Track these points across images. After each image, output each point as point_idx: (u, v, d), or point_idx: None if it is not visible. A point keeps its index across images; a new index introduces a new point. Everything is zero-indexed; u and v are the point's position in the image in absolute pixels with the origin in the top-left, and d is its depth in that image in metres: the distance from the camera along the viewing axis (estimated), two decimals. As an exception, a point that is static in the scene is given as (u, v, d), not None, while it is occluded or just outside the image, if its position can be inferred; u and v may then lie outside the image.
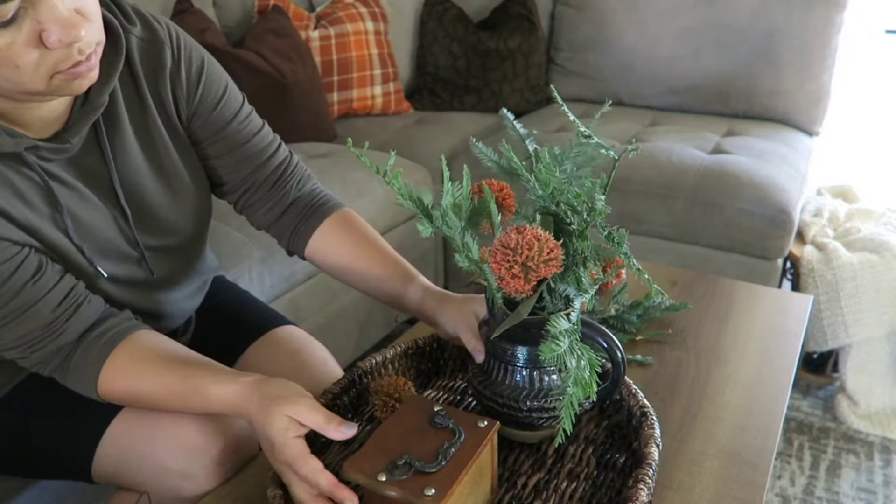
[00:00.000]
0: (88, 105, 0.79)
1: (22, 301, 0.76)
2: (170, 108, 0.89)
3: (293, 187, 1.00)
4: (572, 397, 0.69)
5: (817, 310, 1.84)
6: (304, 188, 1.02)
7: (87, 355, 0.80)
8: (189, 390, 0.79)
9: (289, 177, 1.00)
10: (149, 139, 0.88)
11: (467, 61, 2.58)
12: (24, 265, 0.76)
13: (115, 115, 0.84)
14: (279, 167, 0.99)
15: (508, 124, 0.87)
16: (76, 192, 0.82)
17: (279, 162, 0.99)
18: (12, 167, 0.76)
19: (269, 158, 0.98)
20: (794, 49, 2.28)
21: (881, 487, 1.67)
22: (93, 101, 0.79)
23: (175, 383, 0.80)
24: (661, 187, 1.91)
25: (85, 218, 0.83)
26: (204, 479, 0.83)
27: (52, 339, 0.79)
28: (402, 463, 0.69)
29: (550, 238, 0.71)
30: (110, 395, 0.82)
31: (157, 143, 0.89)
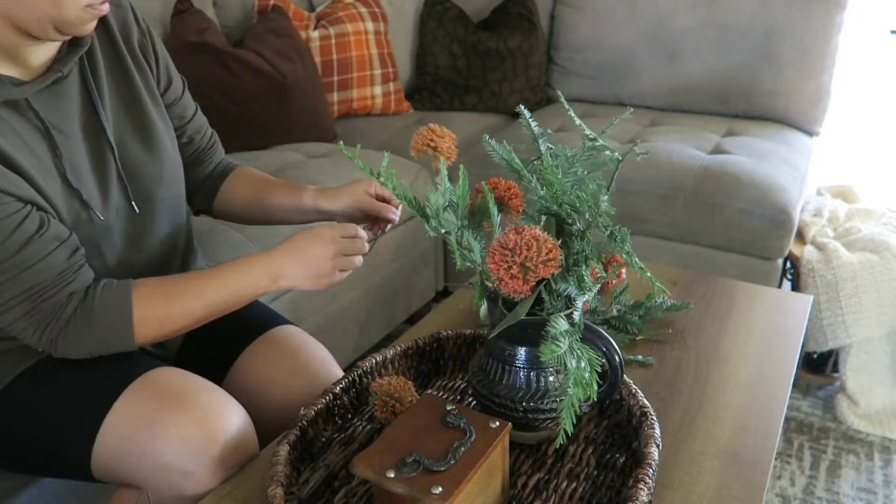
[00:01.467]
0: (76, 42, 0.88)
1: (32, 252, 0.80)
2: (144, 67, 0.99)
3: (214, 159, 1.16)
4: (573, 398, 0.69)
5: (817, 310, 1.84)
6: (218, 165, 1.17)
7: (109, 294, 0.85)
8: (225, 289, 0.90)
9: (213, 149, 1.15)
10: (126, 91, 0.96)
11: (467, 61, 2.58)
12: (28, 220, 0.80)
13: (95, 62, 0.92)
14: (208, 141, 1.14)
15: (524, 122, 0.87)
16: (70, 136, 0.88)
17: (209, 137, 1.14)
18: (15, 115, 0.82)
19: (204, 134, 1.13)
20: (794, 49, 2.28)
21: (881, 487, 1.67)
22: (78, 40, 0.88)
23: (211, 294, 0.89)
24: (661, 187, 1.91)
25: (79, 162, 0.89)
26: (204, 477, 0.83)
27: (63, 287, 0.83)
28: (412, 460, 0.69)
29: (549, 238, 0.71)
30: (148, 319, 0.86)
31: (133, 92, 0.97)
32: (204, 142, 1.13)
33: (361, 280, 1.87)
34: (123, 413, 0.86)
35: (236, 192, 1.15)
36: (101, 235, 0.92)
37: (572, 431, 0.71)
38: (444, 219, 0.77)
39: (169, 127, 1.03)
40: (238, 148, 1.96)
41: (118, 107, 0.95)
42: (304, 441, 0.84)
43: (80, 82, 0.90)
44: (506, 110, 2.60)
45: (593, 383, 0.69)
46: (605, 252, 0.78)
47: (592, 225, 0.76)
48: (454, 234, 0.77)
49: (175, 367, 0.93)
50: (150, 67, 1.01)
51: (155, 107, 1.00)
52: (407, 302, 2.10)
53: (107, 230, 0.93)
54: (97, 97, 0.91)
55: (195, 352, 1.07)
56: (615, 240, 0.74)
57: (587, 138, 0.81)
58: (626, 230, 0.75)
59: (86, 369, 0.89)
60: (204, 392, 0.88)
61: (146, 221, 0.98)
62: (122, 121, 0.95)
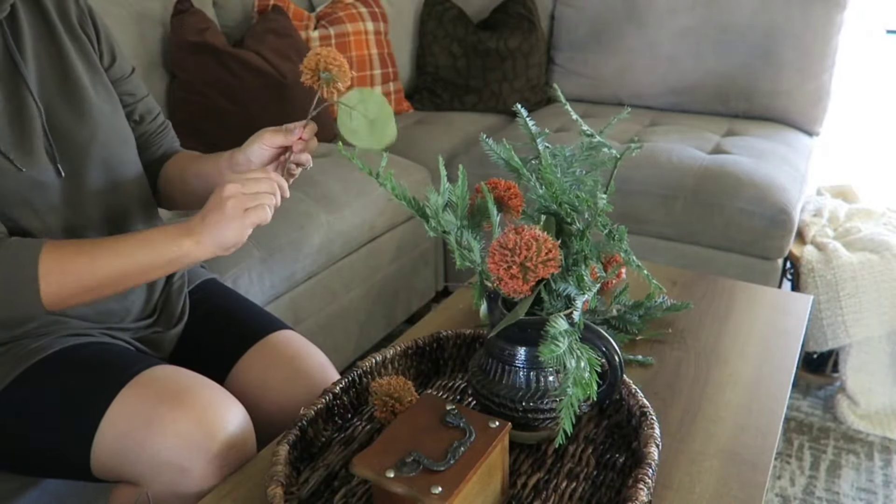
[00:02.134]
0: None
1: None
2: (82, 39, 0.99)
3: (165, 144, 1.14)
4: (572, 398, 0.69)
5: (817, 310, 1.84)
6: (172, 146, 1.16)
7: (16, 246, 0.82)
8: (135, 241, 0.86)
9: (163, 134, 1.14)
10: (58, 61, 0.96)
11: (467, 61, 2.58)
12: None
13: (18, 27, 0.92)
14: (159, 126, 1.13)
15: (521, 121, 0.87)
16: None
17: (160, 123, 1.13)
18: None
19: (154, 118, 1.12)
20: (794, 49, 2.28)
21: (881, 487, 1.67)
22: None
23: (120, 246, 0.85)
24: (661, 187, 1.91)
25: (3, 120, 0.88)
26: (202, 474, 0.83)
27: None
28: (411, 460, 0.69)
29: (549, 238, 0.71)
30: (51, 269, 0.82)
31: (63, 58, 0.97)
32: (154, 126, 1.12)
33: (361, 280, 1.87)
34: (122, 410, 0.86)
35: (168, 173, 1.12)
36: (31, 190, 0.90)
37: (572, 431, 0.71)
38: (444, 219, 0.77)
39: (111, 95, 1.02)
40: (238, 148, 1.95)
41: (46, 74, 0.94)
42: (304, 441, 0.84)
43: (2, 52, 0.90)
44: (506, 110, 2.60)
45: (593, 383, 0.69)
46: (605, 252, 0.78)
47: (591, 224, 0.76)
48: (454, 234, 0.77)
49: (173, 365, 0.93)
50: (91, 41, 1.01)
51: (92, 74, 1.00)
52: (407, 302, 2.10)
53: (36, 186, 0.91)
54: (19, 60, 0.91)
55: (192, 357, 1.07)
56: (613, 238, 0.74)
57: (584, 134, 0.81)
58: (624, 228, 0.75)
59: (85, 369, 0.89)
60: (203, 389, 0.88)
61: (80, 184, 0.96)
62: (49, 86, 0.94)
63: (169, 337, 1.06)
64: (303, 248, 1.65)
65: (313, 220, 1.70)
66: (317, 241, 1.69)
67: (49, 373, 0.89)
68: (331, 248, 1.73)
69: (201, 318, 1.11)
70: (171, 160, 1.14)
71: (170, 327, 1.06)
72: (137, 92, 1.09)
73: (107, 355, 0.92)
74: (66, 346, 0.92)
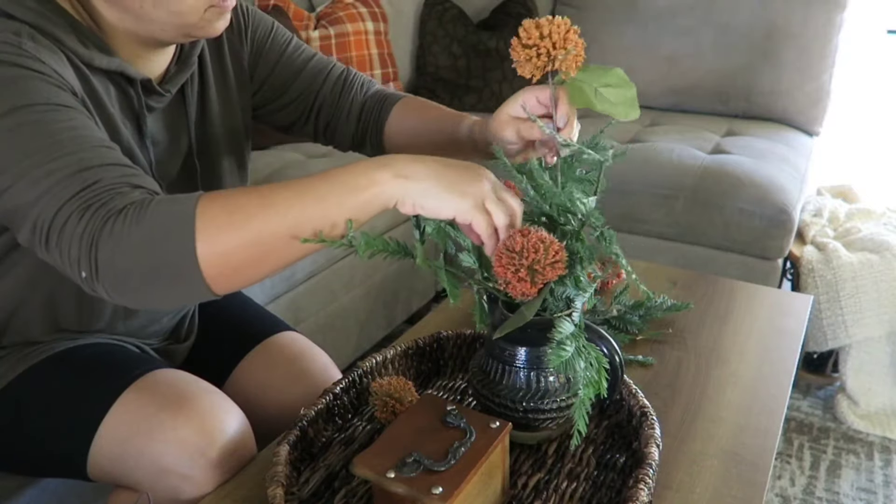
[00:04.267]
0: (182, 63, 0.91)
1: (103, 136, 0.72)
2: (243, 72, 1.01)
3: (358, 92, 1.07)
4: (584, 399, 0.69)
5: (817, 310, 1.84)
6: (368, 91, 1.09)
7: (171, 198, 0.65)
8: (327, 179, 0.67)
9: (351, 84, 1.07)
10: (228, 101, 0.99)
11: (467, 61, 2.58)
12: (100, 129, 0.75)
13: (205, 78, 0.95)
14: (339, 79, 1.07)
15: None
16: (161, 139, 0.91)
17: (337, 75, 1.07)
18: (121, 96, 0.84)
19: (328, 75, 1.07)
20: (794, 49, 2.28)
21: (881, 487, 1.67)
22: (185, 59, 0.91)
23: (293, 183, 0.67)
24: (661, 187, 1.91)
25: (164, 157, 0.91)
26: (202, 480, 0.83)
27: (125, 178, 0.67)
28: (412, 460, 0.69)
29: (555, 240, 0.71)
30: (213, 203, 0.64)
31: (234, 102, 1.00)
32: (333, 76, 1.06)
33: (361, 280, 1.87)
34: (121, 415, 0.86)
35: (400, 136, 1.05)
36: None
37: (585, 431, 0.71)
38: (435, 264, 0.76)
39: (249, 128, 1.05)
40: (238, 148, 1.95)
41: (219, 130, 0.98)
42: (304, 441, 0.84)
43: (180, 100, 0.93)
44: (506, 110, 2.60)
45: (602, 381, 0.70)
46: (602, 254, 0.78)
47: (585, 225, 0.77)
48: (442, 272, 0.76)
49: (174, 369, 0.93)
50: (239, 65, 1.01)
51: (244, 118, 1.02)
52: (407, 302, 2.10)
53: None
54: (192, 120, 0.94)
55: (195, 358, 1.07)
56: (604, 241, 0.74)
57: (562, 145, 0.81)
58: (613, 231, 0.75)
59: (85, 370, 0.89)
60: (203, 395, 0.87)
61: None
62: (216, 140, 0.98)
63: (180, 350, 1.06)
64: (303, 248, 1.65)
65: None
66: (317, 241, 1.69)
67: (50, 373, 0.89)
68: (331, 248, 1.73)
69: (205, 318, 1.11)
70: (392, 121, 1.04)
71: (181, 341, 1.06)
72: (299, 58, 1.05)
73: (109, 357, 0.92)
74: (68, 346, 0.92)
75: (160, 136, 0.92)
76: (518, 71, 0.74)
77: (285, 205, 0.65)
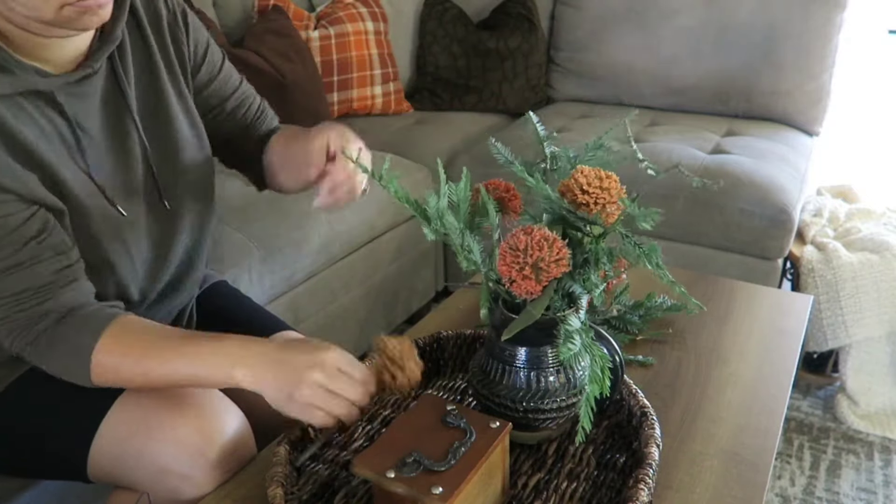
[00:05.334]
0: (105, 37, 0.86)
1: (26, 256, 0.78)
2: (171, 55, 0.96)
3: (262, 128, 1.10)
4: (590, 396, 0.69)
5: (817, 310, 1.84)
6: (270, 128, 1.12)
7: (80, 328, 0.81)
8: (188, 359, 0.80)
9: (261, 121, 1.10)
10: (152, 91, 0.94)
11: (467, 61, 2.58)
12: (31, 222, 0.78)
13: (126, 59, 0.90)
14: (254, 117, 1.09)
15: (532, 126, 0.88)
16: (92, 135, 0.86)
17: (254, 113, 1.09)
18: (38, 106, 0.80)
19: (246, 111, 1.08)
20: (794, 49, 2.28)
21: (881, 487, 1.67)
22: (108, 34, 0.86)
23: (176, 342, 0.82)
24: (661, 187, 1.90)
25: (102, 159, 0.87)
26: (203, 480, 0.83)
27: (42, 302, 0.80)
28: (412, 460, 0.69)
29: (557, 238, 0.71)
30: (106, 362, 0.80)
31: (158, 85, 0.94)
32: (249, 116, 1.08)
33: (361, 280, 1.87)
34: (120, 416, 0.86)
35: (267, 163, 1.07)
36: (128, 232, 0.91)
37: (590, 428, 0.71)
38: (447, 221, 0.77)
39: (197, 125, 1.00)
40: (238, 148, 1.96)
41: (143, 103, 0.93)
42: (305, 441, 0.84)
43: (109, 78, 0.88)
44: (506, 110, 2.60)
45: (605, 379, 0.70)
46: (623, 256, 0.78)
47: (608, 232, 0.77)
48: (456, 237, 0.77)
49: None
50: (181, 52, 0.98)
51: (181, 101, 0.98)
52: (407, 302, 2.10)
53: (133, 227, 0.92)
54: (128, 93, 0.89)
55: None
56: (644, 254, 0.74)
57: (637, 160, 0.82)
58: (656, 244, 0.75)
59: None
60: (201, 395, 0.87)
61: (170, 220, 0.97)
62: (148, 120, 0.93)
63: None
64: (303, 248, 1.65)
65: (313, 220, 1.70)
66: (317, 241, 1.69)
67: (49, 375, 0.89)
68: (331, 248, 1.73)
69: (205, 318, 1.11)
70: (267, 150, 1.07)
71: None
72: (227, 86, 1.05)
73: None
74: None
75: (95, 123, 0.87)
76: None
77: (161, 381, 0.82)
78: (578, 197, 0.77)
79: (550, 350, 0.78)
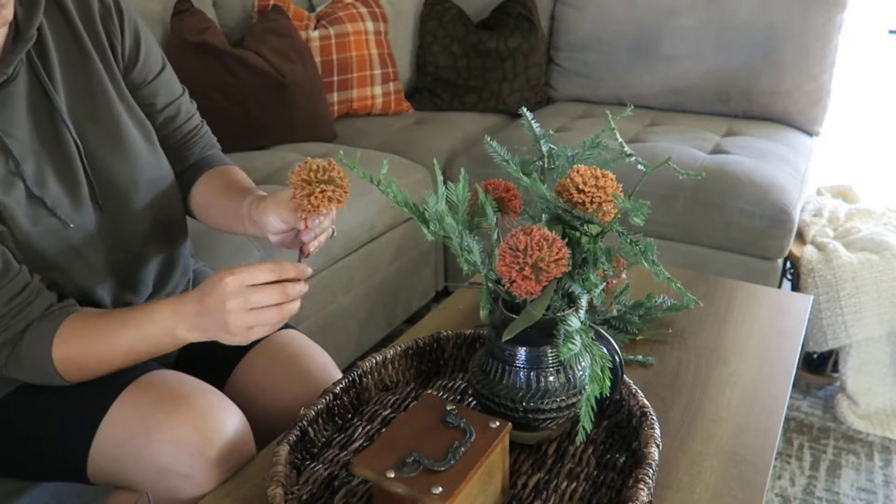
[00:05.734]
0: (19, 38, 0.82)
1: None
2: (106, 50, 0.93)
3: (196, 150, 1.08)
4: (590, 396, 0.69)
5: (817, 310, 1.84)
6: (205, 152, 1.09)
7: (36, 338, 0.83)
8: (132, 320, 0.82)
9: (197, 141, 1.07)
10: (86, 86, 0.91)
11: (467, 61, 2.58)
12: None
13: (47, 56, 0.87)
14: (188, 134, 1.06)
15: (526, 123, 0.88)
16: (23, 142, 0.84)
17: (189, 129, 1.06)
18: None
19: (181, 126, 1.05)
20: (794, 49, 2.28)
21: (881, 487, 1.67)
22: (22, 34, 0.83)
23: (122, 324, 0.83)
24: (661, 187, 1.90)
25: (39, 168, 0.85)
26: (202, 480, 0.83)
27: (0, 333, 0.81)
28: (412, 460, 0.69)
29: (557, 238, 0.71)
30: (66, 363, 0.83)
31: (94, 84, 0.91)
32: (185, 129, 1.05)
33: (361, 280, 1.87)
34: (120, 416, 0.86)
35: (196, 198, 1.06)
36: (78, 238, 0.89)
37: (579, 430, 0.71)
38: (446, 222, 0.77)
39: (141, 120, 0.96)
40: (238, 148, 1.96)
41: (77, 103, 0.89)
42: (304, 441, 0.84)
43: (30, 81, 0.84)
44: (506, 110, 2.60)
45: (606, 379, 0.70)
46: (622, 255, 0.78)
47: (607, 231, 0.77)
48: (455, 238, 0.77)
49: (172, 370, 0.93)
50: (115, 47, 0.93)
51: (121, 99, 0.94)
52: (407, 302, 2.10)
53: (82, 232, 0.90)
54: (54, 95, 0.86)
55: (195, 357, 1.07)
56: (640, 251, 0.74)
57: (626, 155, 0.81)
58: (652, 242, 0.75)
59: None
60: (200, 394, 0.87)
61: (121, 221, 0.94)
62: (82, 118, 0.89)
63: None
64: (303, 248, 1.65)
65: (313, 220, 1.69)
66: (317, 241, 1.69)
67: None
68: (331, 248, 1.73)
69: None
70: (201, 182, 1.06)
71: None
72: (163, 94, 1.01)
73: None
74: None
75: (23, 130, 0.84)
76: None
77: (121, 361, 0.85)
78: (574, 196, 0.77)
79: (550, 350, 0.78)
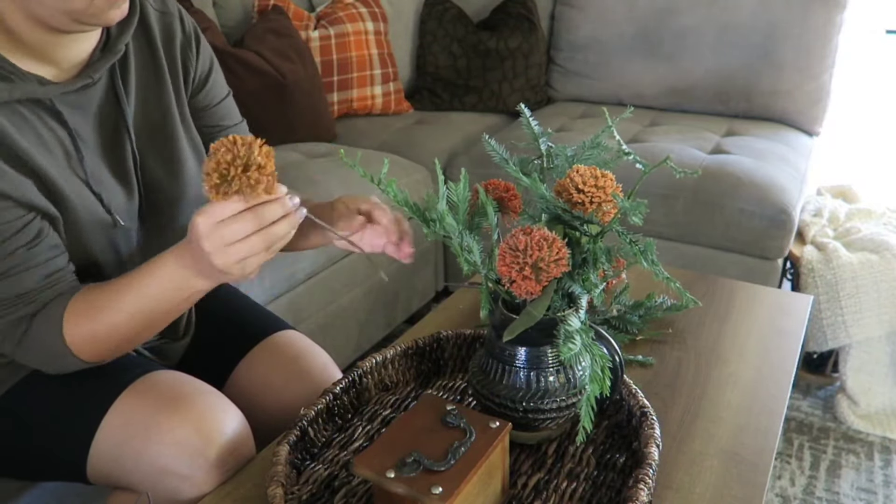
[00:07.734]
0: (108, 48, 0.86)
1: (10, 264, 0.78)
2: (178, 74, 0.96)
3: None
4: (590, 396, 0.69)
5: (817, 310, 1.84)
6: None
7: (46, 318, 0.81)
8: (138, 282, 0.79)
9: None
10: (157, 108, 0.94)
11: (467, 61, 2.58)
12: (25, 231, 0.78)
13: (128, 73, 0.91)
14: None
15: (525, 121, 0.87)
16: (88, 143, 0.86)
17: None
18: (38, 115, 0.81)
19: None
20: (794, 49, 2.28)
21: (881, 487, 1.67)
22: (112, 46, 0.86)
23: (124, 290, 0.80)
24: (661, 187, 1.91)
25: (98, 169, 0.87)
26: (202, 480, 0.83)
27: (20, 308, 0.81)
28: (412, 460, 0.69)
29: (557, 238, 0.71)
30: (79, 339, 0.81)
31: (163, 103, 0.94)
32: None
33: (361, 280, 1.87)
34: (119, 417, 0.86)
35: None
36: (121, 240, 0.91)
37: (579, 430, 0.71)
38: (446, 222, 0.77)
39: (196, 143, 1.00)
40: (238, 148, 1.95)
41: (143, 118, 0.93)
42: (304, 441, 0.84)
43: (107, 91, 0.88)
44: (506, 110, 2.60)
45: (606, 379, 0.70)
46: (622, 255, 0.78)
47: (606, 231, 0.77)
48: (455, 238, 0.77)
49: (172, 370, 0.93)
50: (189, 72, 0.98)
51: (182, 120, 0.98)
52: (407, 302, 2.10)
53: (126, 235, 0.92)
54: (125, 105, 0.89)
55: (195, 357, 1.07)
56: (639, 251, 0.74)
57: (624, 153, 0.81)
58: (652, 241, 0.75)
59: (82, 375, 0.88)
60: (200, 395, 0.87)
61: (163, 231, 0.96)
62: (145, 133, 0.93)
63: (175, 347, 1.06)
64: (303, 248, 1.65)
65: (313, 220, 1.70)
66: (317, 241, 1.69)
67: (48, 378, 0.89)
68: (331, 248, 1.73)
69: (204, 318, 1.11)
70: None
71: (177, 339, 1.06)
72: (223, 122, 1.04)
73: None
74: None
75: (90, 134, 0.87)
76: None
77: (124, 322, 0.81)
78: (574, 196, 0.77)
79: (550, 350, 0.78)
